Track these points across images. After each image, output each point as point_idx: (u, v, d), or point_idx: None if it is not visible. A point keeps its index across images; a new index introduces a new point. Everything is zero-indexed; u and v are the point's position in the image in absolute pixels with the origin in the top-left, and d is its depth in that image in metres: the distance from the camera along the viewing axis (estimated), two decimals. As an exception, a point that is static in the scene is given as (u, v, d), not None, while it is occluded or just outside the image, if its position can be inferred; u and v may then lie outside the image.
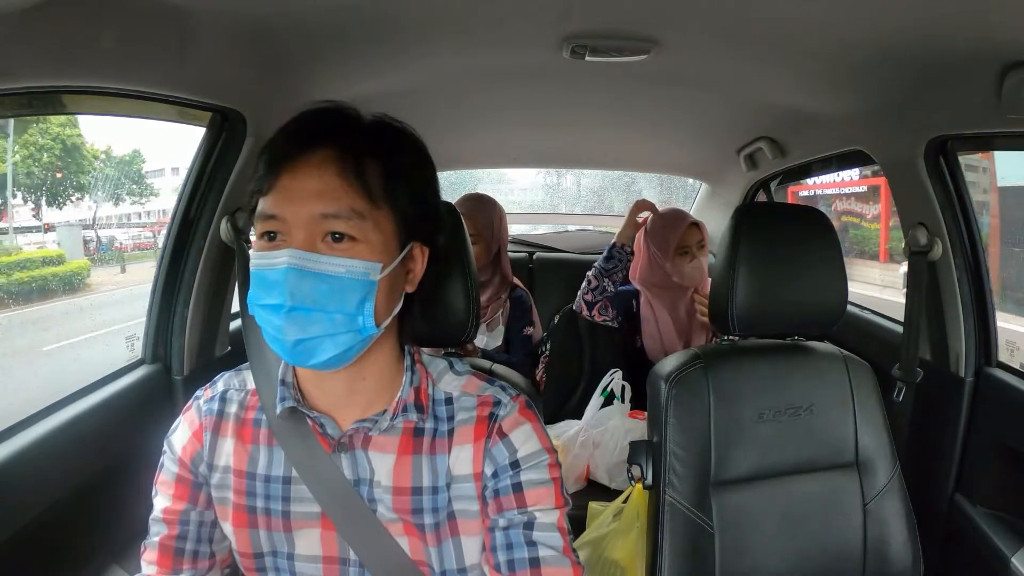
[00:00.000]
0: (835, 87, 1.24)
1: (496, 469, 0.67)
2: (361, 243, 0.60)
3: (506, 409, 0.69)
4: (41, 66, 0.69)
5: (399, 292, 0.66)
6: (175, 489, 0.68)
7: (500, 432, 0.68)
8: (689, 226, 1.70)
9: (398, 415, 0.66)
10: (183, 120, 1.13)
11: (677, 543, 1.00)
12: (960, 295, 1.27)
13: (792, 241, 1.07)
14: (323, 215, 0.59)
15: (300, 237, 0.59)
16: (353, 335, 0.60)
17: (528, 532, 0.65)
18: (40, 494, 0.85)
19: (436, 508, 0.67)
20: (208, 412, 0.70)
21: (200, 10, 0.84)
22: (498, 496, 0.66)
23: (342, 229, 0.59)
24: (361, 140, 0.62)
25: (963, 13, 0.85)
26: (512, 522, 0.65)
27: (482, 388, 0.71)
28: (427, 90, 1.35)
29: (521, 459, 0.67)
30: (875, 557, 1.05)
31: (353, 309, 0.60)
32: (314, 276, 0.58)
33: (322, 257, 0.58)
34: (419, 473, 0.67)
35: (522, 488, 0.66)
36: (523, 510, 0.65)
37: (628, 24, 1.01)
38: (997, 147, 1.29)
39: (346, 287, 0.59)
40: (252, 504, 0.68)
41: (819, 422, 1.07)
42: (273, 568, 0.69)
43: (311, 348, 0.60)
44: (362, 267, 0.60)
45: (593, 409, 1.58)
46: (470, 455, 0.67)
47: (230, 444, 0.69)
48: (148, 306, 1.17)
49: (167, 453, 0.70)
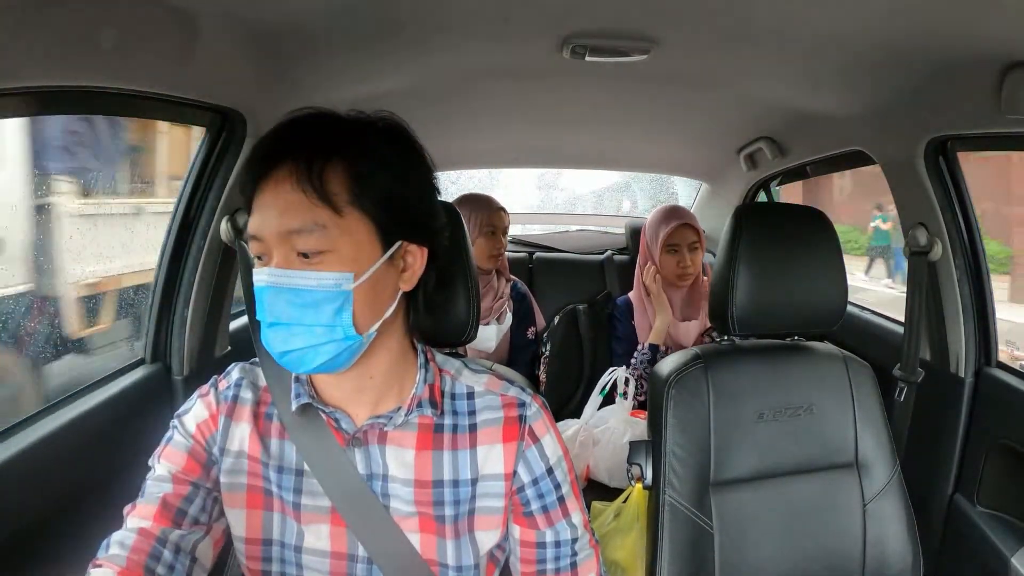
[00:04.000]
0: (835, 87, 1.24)
1: (535, 477, 0.70)
2: (330, 254, 0.60)
3: (531, 411, 0.71)
4: (41, 66, 0.69)
5: (390, 294, 0.65)
6: (186, 461, 0.68)
7: (532, 435, 0.70)
8: (682, 225, 1.71)
9: (413, 411, 0.67)
10: (183, 120, 1.13)
11: (677, 543, 1.00)
12: (960, 295, 1.27)
13: (792, 241, 1.07)
14: (289, 231, 0.59)
15: (278, 255, 0.60)
16: (336, 344, 0.61)
17: (574, 546, 0.72)
18: (40, 494, 0.85)
19: (458, 501, 0.68)
20: (225, 398, 0.71)
21: (200, 10, 0.84)
22: (547, 512, 0.71)
23: (308, 244, 0.59)
24: (322, 147, 0.61)
25: (963, 13, 0.85)
26: (559, 537, 0.72)
27: (504, 387, 0.73)
28: (427, 90, 1.35)
29: (554, 465, 0.71)
30: (875, 557, 1.05)
31: (329, 320, 0.60)
32: (289, 291, 0.59)
33: (294, 272, 0.59)
34: (440, 467, 0.68)
35: (564, 500, 0.72)
36: (568, 520, 0.72)
37: (628, 24, 1.01)
38: (997, 147, 1.29)
39: (319, 300, 0.60)
40: (268, 488, 0.68)
41: (819, 422, 1.07)
42: (279, 559, 0.69)
43: (298, 358, 0.61)
44: (333, 278, 0.60)
45: (592, 408, 1.57)
46: (501, 455, 0.69)
47: (245, 430, 0.69)
48: (148, 306, 1.17)
49: (177, 429, 0.70)
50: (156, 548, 0.61)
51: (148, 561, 0.60)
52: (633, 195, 3.80)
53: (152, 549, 0.61)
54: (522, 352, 1.83)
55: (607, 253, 2.31)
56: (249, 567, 0.70)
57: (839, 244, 1.09)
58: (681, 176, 2.63)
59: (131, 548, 0.60)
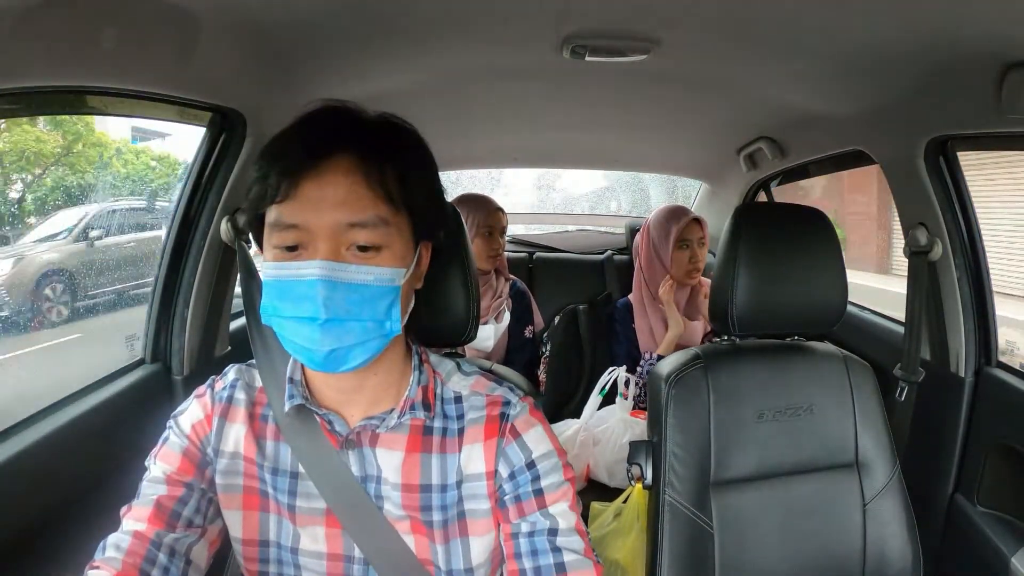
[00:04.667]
0: (835, 87, 1.24)
1: (512, 471, 0.67)
2: (386, 249, 0.60)
3: (516, 409, 0.70)
4: (41, 66, 0.69)
5: (413, 291, 0.67)
6: (181, 462, 0.68)
7: (513, 432, 0.68)
8: (691, 221, 1.72)
9: (406, 413, 0.67)
10: (183, 120, 1.13)
11: (677, 543, 1.00)
12: (960, 295, 1.26)
13: (792, 241, 1.07)
14: (349, 224, 0.58)
15: (327, 247, 0.58)
16: (381, 339, 0.61)
17: (552, 539, 0.65)
18: (40, 494, 0.85)
19: (445, 506, 0.67)
20: (220, 399, 0.71)
21: (200, 10, 0.83)
22: (519, 501, 0.67)
23: (369, 238, 0.59)
24: (378, 144, 0.62)
25: (963, 13, 0.85)
26: (535, 527, 0.65)
27: (491, 388, 0.72)
28: (427, 90, 1.35)
29: (536, 459, 0.67)
30: (875, 557, 1.05)
31: (382, 315, 0.60)
32: (346, 287, 0.58)
33: (351, 267, 0.58)
34: (428, 471, 0.67)
35: (543, 492, 0.67)
36: (544, 512, 0.66)
37: (628, 24, 1.00)
38: (997, 147, 1.29)
39: (376, 295, 0.59)
40: (264, 489, 0.68)
41: (819, 422, 1.07)
42: (276, 560, 0.69)
43: (342, 356, 0.60)
44: (389, 274, 0.60)
45: (592, 408, 1.58)
46: (481, 453, 0.68)
47: (240, 431, 0.69)
48: (148, 306, 1.17)
49: (173, 429, 0.70)
50: (151, 551, 0.61)
51: (143, 564, 0.60)
52: (617, 195, 3.90)
53: (147, 552, 0.61)
54: (520, 351, 1.83)
55: (607, 253, 2.31)
56: (247, 568, 0.70)
57: (839, 244, 1.09)
58: (681, 176, 2.63)
59: (126, 551, 0.60)
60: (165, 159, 3.11)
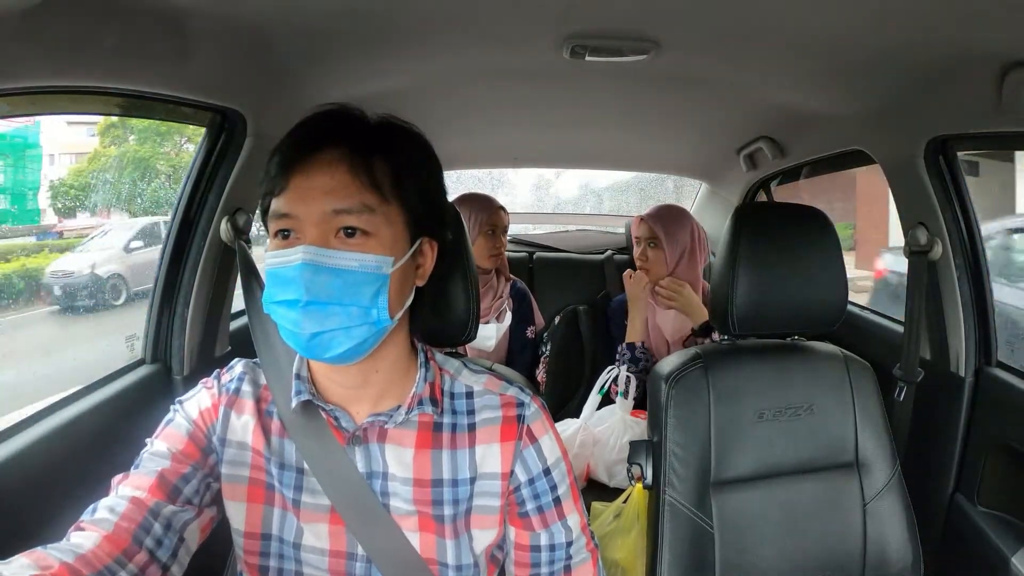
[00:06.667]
0: (835, 87, 1.24)
1: (531, 477, 0.71)
2: (373, 237, 0.61)
3: (530, 410, 0.72)
4: (41, 66, 0.69)
5: (410, 286, 0.67)
6: (186, 444, 0.67)
7: (530, 435, 0.71)
8: (640, 221, 1.74)
9: (413, 409, 0.68)
10: (183, 120, 1.13)
11: (677, 543, 1.00)
12: (960, 295, 1.26)
13: (792, 241, 1.07)
14: (335, 211, 0.60)
15: (313, 233, 0.60)
16: (368, 327, 0.61)
17: (569, 548, 0.73)
18: (40, 493, 0.85)
19: (456, 500, 0.68)
20: (227, 390, 0.71)
21: (200, 11, 0.84)
22: (542, 512, 0.71)
23: (354, 223, 0.60)
24: (369, 139, 0.64)
25: (963, 13, 0.85)
26: (555, 541, 0.72)
27: (503, 387, 0.73)
28: (427, 90, 1.35)
29: (551, 466, 0.72)
30: (875, 557, 1.05)
31: (367, 302, 0.61)
32: (328, 271, 0.59)
33: (335, 252, 0.60)
34: (439, 466, 0.68)
35: (560, 501, 0.72)
36: (564, 523, 0.73)
37: (628, 24, 1.01)
38: (997, 147, 1.29)
39: (360, 280, 0.60)
40: (270, 482, 0.68)
41: (819, 422, 1.07)
42: (277, 554, 0.69)
43: (327, 341, 0.61)
44: (375, 261, 0.61)
45: (591, 408, 1.57)
46: (498, 453, 0.69)
47: (248, 422, 0.69)
48: (148, 306, 1.17)
49: (179, 412, 0.70)
50: (148, 520, 0.60)
51: (137, 531, 0.59)
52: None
53: (143, 520, 0.60)
54: (522, 352, 1.83)
55: (607, 253, 2.31)
56: (247, 561, 0.69)
57: (839, 244, 1.09)
58: (681, 176, 2.63)
59: (121, 515, 0.59)
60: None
